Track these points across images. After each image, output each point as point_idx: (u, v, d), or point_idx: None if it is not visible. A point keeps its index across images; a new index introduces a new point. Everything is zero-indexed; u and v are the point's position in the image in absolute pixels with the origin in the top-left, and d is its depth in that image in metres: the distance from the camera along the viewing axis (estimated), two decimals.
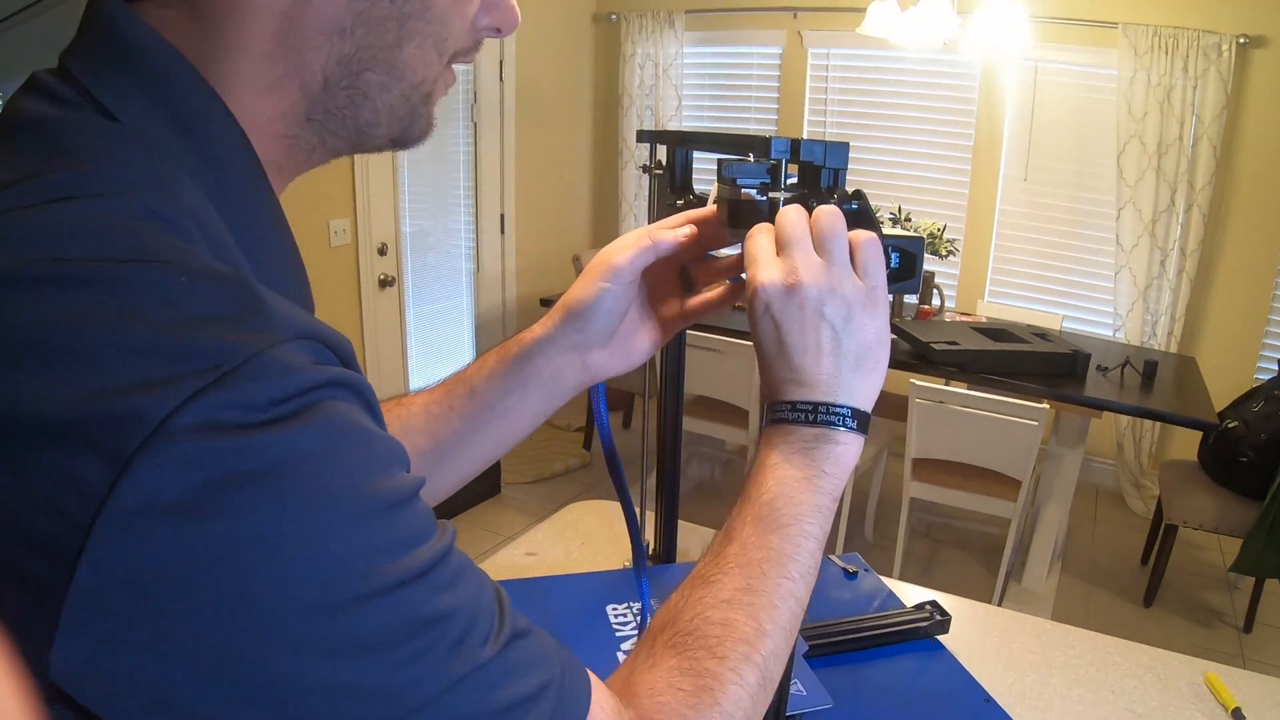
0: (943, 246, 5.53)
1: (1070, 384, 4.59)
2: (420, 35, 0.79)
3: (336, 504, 0.59)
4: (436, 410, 1.19)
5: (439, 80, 0.85)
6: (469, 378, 1.19)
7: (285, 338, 0.61)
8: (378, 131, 0.82)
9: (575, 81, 7.75)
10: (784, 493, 0.91)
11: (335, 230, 5.49)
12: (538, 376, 1.16)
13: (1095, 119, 6.10)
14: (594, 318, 1.13)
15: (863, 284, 0.92)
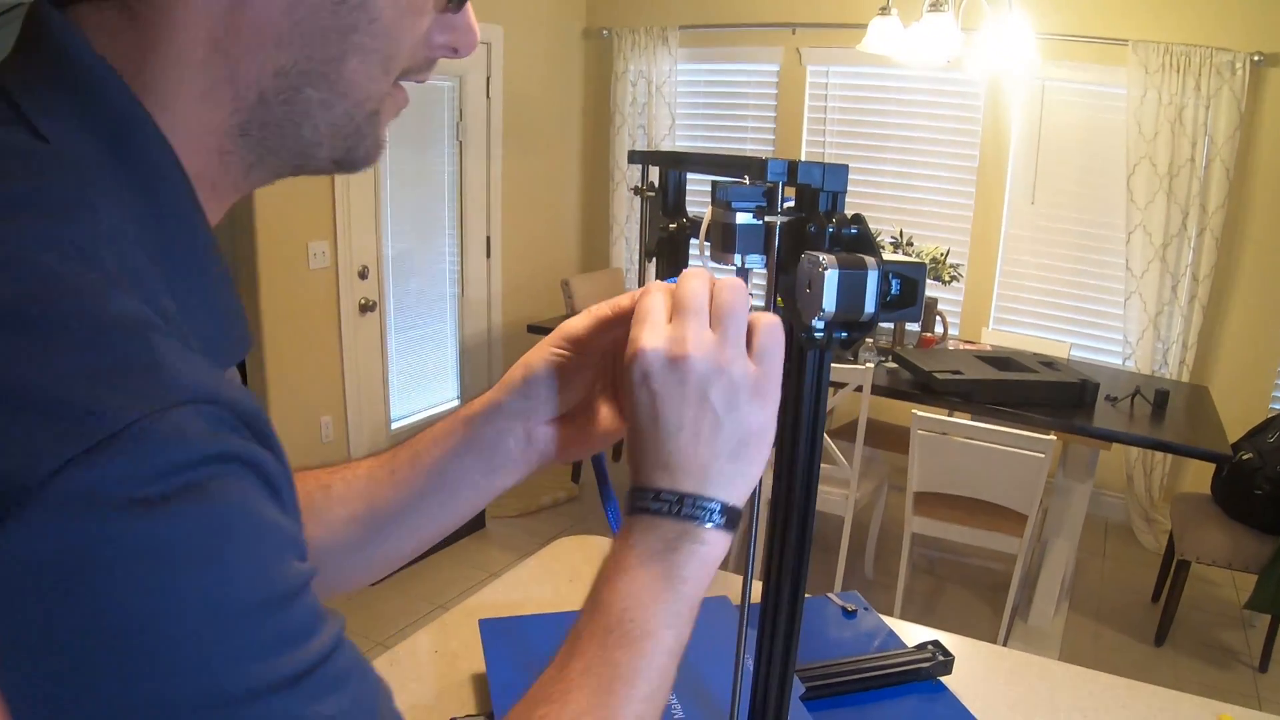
0: (946, 272, 5.54)
1: (1078, 414, 4.59)
2: (364, 51, 0.77)
3: (205, 601, 0.57)
4: (379, 475, 1.15)
5: (387, 99, 0.83)
6: (415, 443, 1.15)
7: (179, 401, 0.58)
8: (320, 151, 0.81)
9: (565, 99, 7.77)
10: (637, 602, 0.85)
11: (314, 252, 5.50)
12: (479, 443, 1.10)
13: (1104, 139, 6.11)
14: (540, 384, 1.07)
15: (755, 369, 0.87)
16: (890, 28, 5.12)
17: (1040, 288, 6.53)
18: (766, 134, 7.33)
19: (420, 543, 1.17)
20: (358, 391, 5.96)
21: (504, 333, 7.20)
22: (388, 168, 6.02)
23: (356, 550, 1.15)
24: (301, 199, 5.43)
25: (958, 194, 6.69)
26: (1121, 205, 5.98)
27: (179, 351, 0.62)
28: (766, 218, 0.99)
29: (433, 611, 4.98)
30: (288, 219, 5.35)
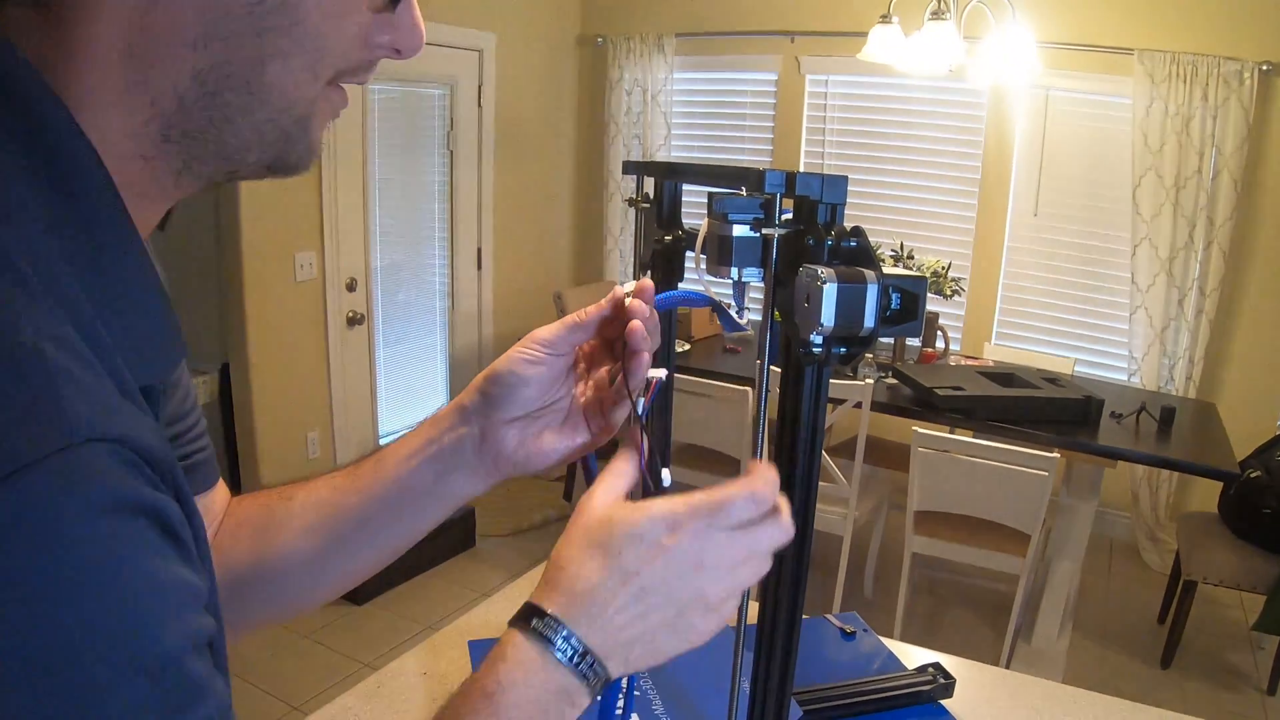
0: (947, 286, 5.54)
1: (1083, 431, 4.60)
2: (286, 53, 0.76)
3: (78, 658, 0.56)
4: (342, 484, 1.15)
5: (318, 102, 0.82)
6: (382, 451, 1.16)
7: (78, 440, 0.58)
8: (248, 156, 0.80)
9: (558, 108, 7.78)
10: None
11: (301, 264, 5.50)
12: (438, 445, 1.11)
13: (1109, 150, 6.13)
14: (503, 380, 1.08)
15: (718, 599, 0.88)
16: (891, 36, 5.12)
17: (1044, 302, 6.54)
18: (764, 144, 7.34)
19: (383, 554, 1.17)
20: (345, 406, 5.97)
21: (495, 347, 7.18)
22: (376, 177, 6.02)
23: (318, 563, 1.15)
24: (288, 209, 5.44)
25: (959, 206, 6.69)
26: (1127, 217, 5.98)
27: (85, 381, 0.61)
28: (764, 230, 0.99)
29: (421, 632, 4.97)
30: (274, 229, 5.36)
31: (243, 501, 1.22)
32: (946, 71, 5.34)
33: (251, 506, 1.20)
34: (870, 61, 5.26)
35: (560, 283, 7.86)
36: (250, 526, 1.18)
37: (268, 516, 1.17)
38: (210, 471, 1.16)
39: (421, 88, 6.37)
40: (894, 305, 0.94)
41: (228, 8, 0.72)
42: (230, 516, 1.20)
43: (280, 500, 1.17)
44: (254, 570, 1.16)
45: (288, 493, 1.18)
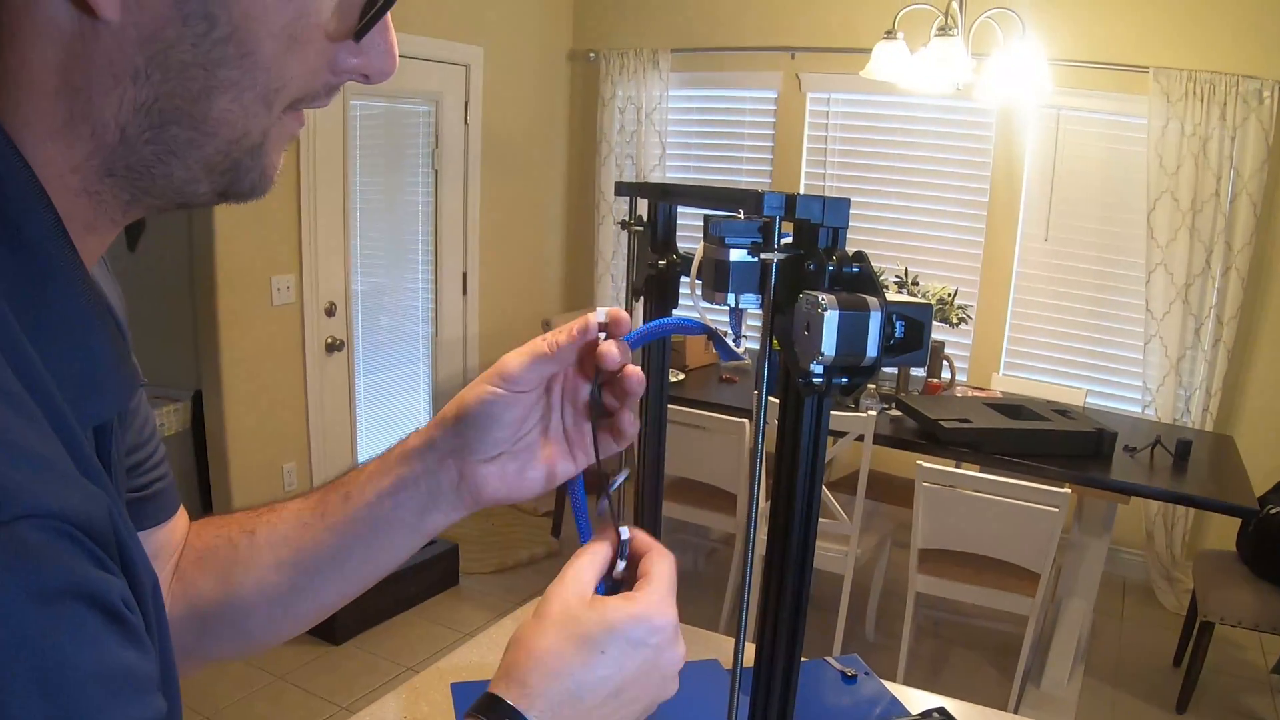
0: (954, 313, 5.55)
1: (1095, 466, 4.60)
2: (237, 85, 0.75)
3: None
4: (308, 518, 1.15)
5: (272, 130, 0.81)
6: (347, 482, 1.16)
7: (4, 519, 0.56)
8: (198, 188, 0.79)
9: (548, 126, 7.80)
10: None
11: (278, 287, 5.51)
12: (413, 483, 1.11)
13: (1123, 172, 6.14)
14: (474, 423, 1.09)
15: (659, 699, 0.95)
16: (896, 52, 5.14)
17: (1054, 330, 6.55)
18: (763, 165, 7.35)
19: (354, 588, 1.18)
20: (323, 437, 5.97)
21: (480, 375, 7.14)
22: (357, 198, 6.03)
23: (287, 599, 1.16)
24: (265, 230, 5.44)
25: (967, 230, 6.71)
26: (1141, 242, 5.99)
27: (20, 442, 0.61)
28: (762, 255, 1.00)
29: (402, 674, 4.96)
30: (250, 251, 5.36)
31: (203, 530, 1.22)
32: (954, 90, 5.34)
33: (213, 536, 1.20)
34: (874, 79, 5.27)
35: (549, 309, 7.88)
36: (213, 560, 1.18)
37: (230, 552, 1.17)
38: (170, 500, 1.16)
39: (405, 104, 6.38)
40: (898, 334, 0.94)
41: (171, 39, 0.71)
42: (190, 548, 1.20)
43: (242, 534, 1.17)
44: (218, 606, 1.16)
45: (249, 524, 1.18)
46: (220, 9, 0.71)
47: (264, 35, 0.74)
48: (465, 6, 6.63)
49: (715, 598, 5.53)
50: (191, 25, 0.71)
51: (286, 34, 0.75)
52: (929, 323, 0.96)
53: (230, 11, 0.72)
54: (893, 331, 0.93)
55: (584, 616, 0.91)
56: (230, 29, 0.72)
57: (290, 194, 5.52)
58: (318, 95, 0.82)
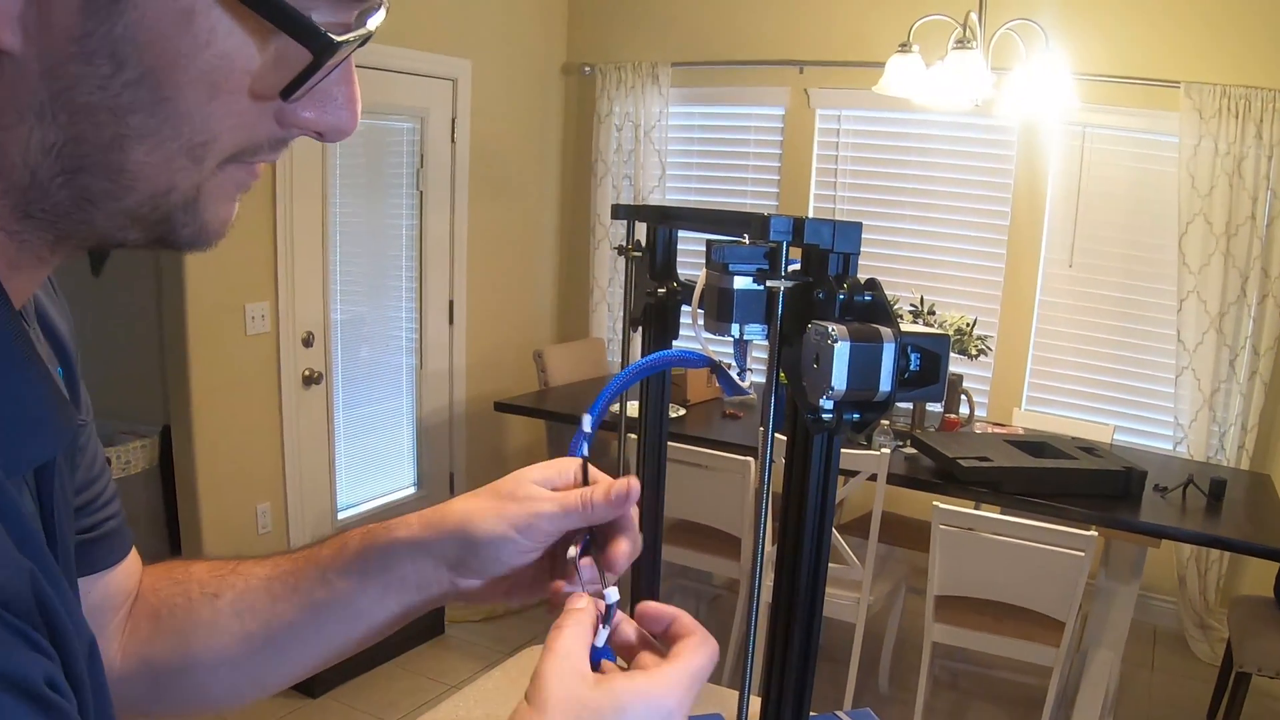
0: (972, 345, 5.55)
1: (1123, 507, 4.59)
2: (155, 136, 0.72)
3: None
4: (278, 589, 1.15)
5: (207, 184, 0.77)
6: (325, 558, 1.15)
7: None
8: (128, 235, 0.76)
9: (540, 144, 7.82)
10: None
11: (252, 316, 5.51)
12: (401, 582, 1.12)
13: (1153, 194, 6.15)
14: (486, 557, 1.09)
15: None
16: (911, 67, 5.15)
17: (1080, 363, 6.55)
18: (769, 186, 7.37)
19: (322, 663, 1.18)
20: (299, 476, 5.96)
21: (468, 411, 7.20)
22: (336, 220, 6.03)
23: (250, 668, 1.16)
24: (239, 254, 5.44)
25: (986, 256, 6.72)
26: (1172, 269, 6.00)
27: None
28: (768, 282, 1.00)
29: None
30: (223, 277, 5.36)
31: (160, 582, 1.22)
32: (972, 106, 5.34)
33: (171, 592, 1.20)
34: (888, 95, 5.28)
35: (541, 340, 7.88)
36: (170, 620, 1.18)
37: (189, 613, 1.17)
38: (121, 542, 1.16)
39: (388, 120, 6.40)
40: (913, 366, 0.94)
41: (75, 76, 0.68)
42: (146, 600, 1.20)
43: (204, 595, 1.17)
44: (175, 668, 1.17)
45: (212, 584, 1.17)
46: (129, 50, 0.68)
47: (181, 83, 0.71)
48: (452, 17, 6.64)
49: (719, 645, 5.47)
50: (95, 64, 0.68)
51: (207, 82, 0.72)
52: (946, 354, 0.96)
53: (140, 55, 0.69)
54: (907, 364, 0.93)
55: (590, 698, 0.89)
56: (140, 72, 0.69)
57: (265, 216, 5.52)
58: (261, 149, 0.79)
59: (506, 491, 1.09)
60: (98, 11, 0.67)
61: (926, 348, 0.96)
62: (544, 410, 6.02)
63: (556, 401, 6.17)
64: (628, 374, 1.10)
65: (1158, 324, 6.24)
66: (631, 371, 1.10)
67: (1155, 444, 6.25)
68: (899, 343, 0.92)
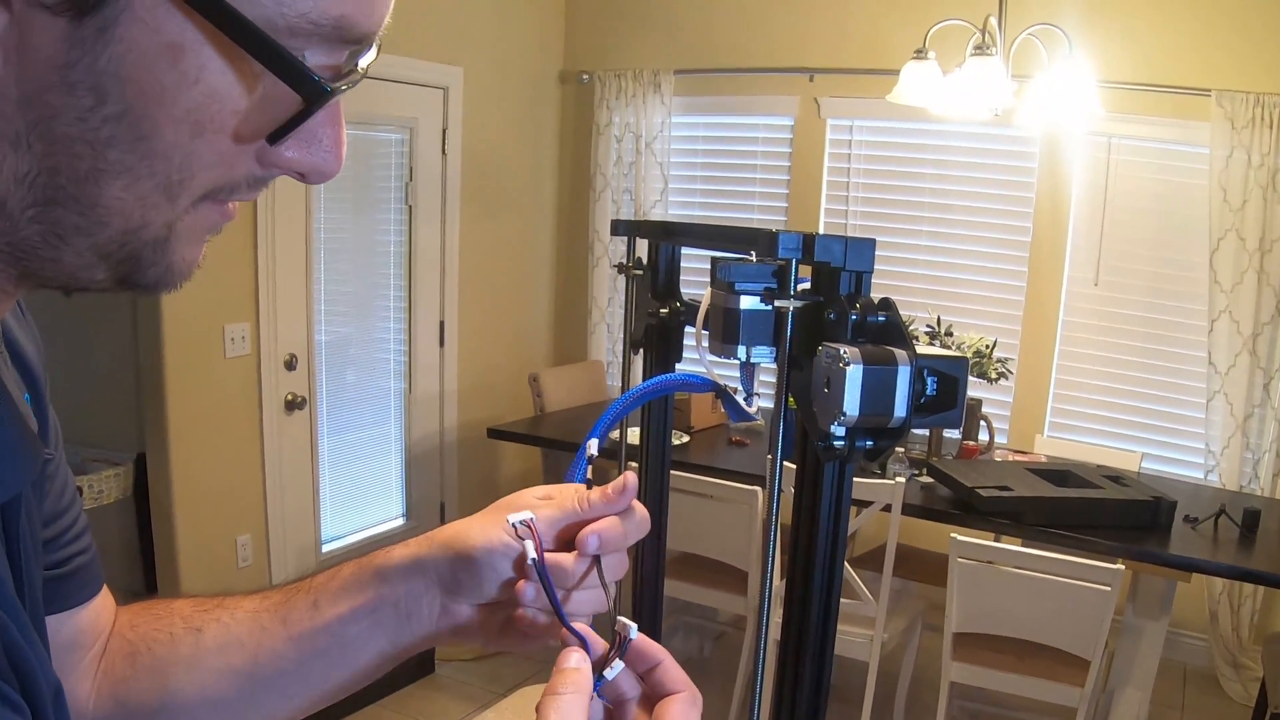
0: (992, 368, 5.55)
1: (1151, 539, 4.59)
2: (131, 173, 0.72)
3: None
4: (267, 622, 1.15)
5: (179, 224, 0.78)
6: (316, 588, 1.15)
7: None
8: (94, 274, 0.77)
9: (536, 156, 7.83)
10: None
11: (232, 337, 5.51)
12: (393, 605, 1.11)
13: (1182, 208, 6.15)
14: (481, 570, 1.08)
15: None
16: (926, 74, 5.16)
17: (1105, 386, 6.54)
18: (778, 201, 7.38)
19: (309, 705, 1.17)
20: (282, 506, 5.95)
21: (459, 437, 7.20)
22: (321, 237, 6.03)
23: (234, 707, 1.15)
24: (218, 273, 5.44)
25: (1007, 274, 6.72)
26: (1203, 287, 6.00)
27: None
28: (776, 302, 1.00)
29: None
30: (201, 297, 5.36)
31: (138, 620, 1.21)
32: (992, 116, 5.33)
33: (150, 629, 1.20)
34: (902, 104, 5.29)
35: (537, 362, 7.88)
36: (149, 658, 1.17)
37: (170, 650, 1.17)
38: (92, 578, 1.15)
39: (376, 131, 6.40)
40: (929, 391, 0.94)
41: (55, 107, 0.69)
42: (122, 638, 1.19)
43: (187, 630, 1.17)
44: (153, 708, 1.16)
45: (195, 619, 1.17)
46: (112, 84, 0.69)
47: (163, 120, 0.71)
48: (443, 22, 6.65)
49: (724, 687, 5.50)
50: (77, 96, 0.68)
51: (191, 120, 0.72)
52: (964, 378, 0.96)
53: (124, 88, 0.69)
54: (923, 388, 0.93)
55: None
56: (123, 108, 0.69)
57: (246, 232, 5.52)
58: (239, 188, 0.80)
59: (503, 504, 1.09)
60: (83, 41, 0.67)
61: (943, 371, 0.95)
62: (540, 437, 6.02)
63: (553, 428, 6.17)
64: (628, 399, 1.10)
65: (1188, 345, 6.23)
66: (632, 396, 1.10)
67: (1185, 472, 6.24)
68: (914, 366, 0.92)
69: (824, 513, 0.98)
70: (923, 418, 0.93)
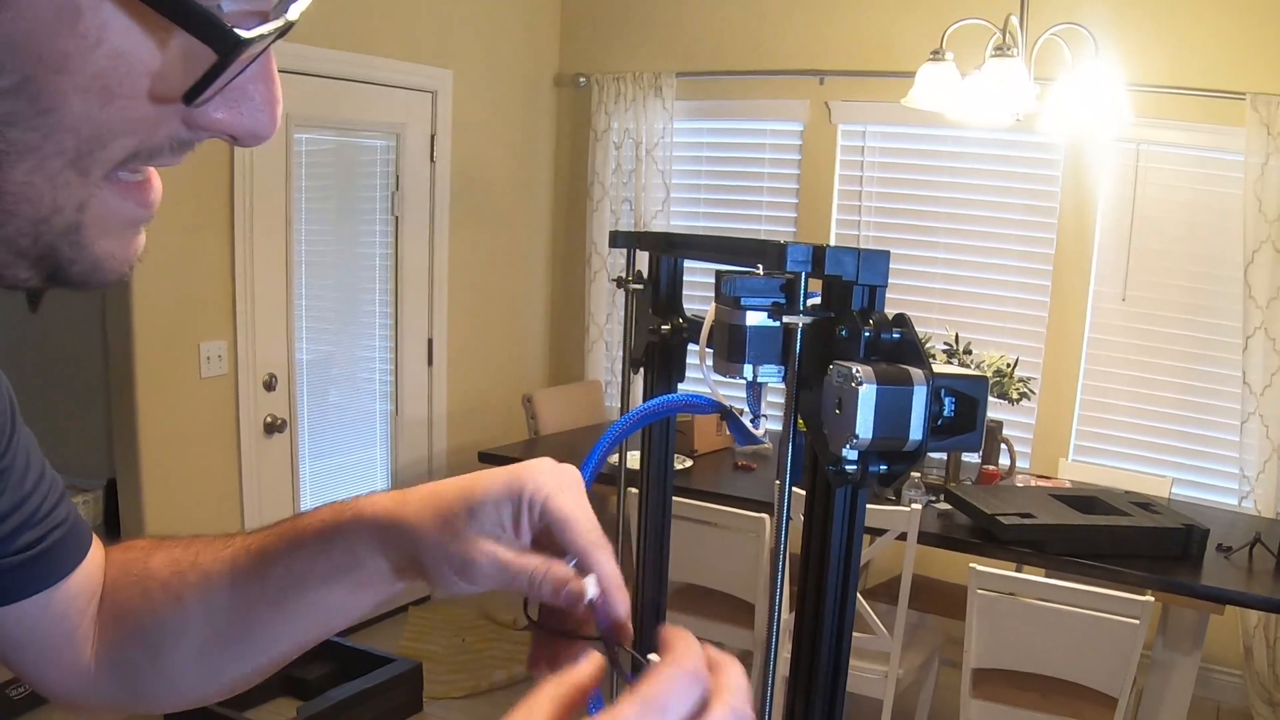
0: (1013, 388, 5.55)
1: (1183, 569, 4.58)
2: (37, 153, 0.68)
3: None
4: (243, 581, 1.15)
5: (91, 202, 0.73)
6: (294, 533, 1.14)
7: None
8: (17, 273, 0.74)
9: (530, 164, 7.83)
10: None
11: (208, 356, 5.50)
12: (361, 569, 1.10)
13: (1216, 218, 6.14)
14: (432, 577, 1.05)
15: None
16: (943, 77, 5.15)
17: (1134, 408, 6.52)
18: (786, 211, 7.38)
19: (298, 650, 1.19)
20: None
21: (449, 463, 7.20)
22: (302, 249, 6.04)
23: (219, 663, 1.19)
24: (192, 287, 5.43)
25: (1029, 288, 6.71)
26: (1237, 302, 5.98)
27: None
28: (785, 318, 1.00)
29: None
30: (175, 313, 5.35)
31: (118, 579, 1.24)
32: (1013, 121, 5.34)
33: (130, 593, 1.23)
34: (918, 108, 5.29)
35: (531, 383, 7.87)
36: (136, 621, 1.21)
37: (153, 614, 1.19)
38: (72, 548, 1.18)
39: (360, 137, 6.42)
40: (947, 412, 0.94)
41: None
42: (109, 600, 1.23)
43: (167, 599, 1.19)
44: (145, 670, 1.21)
45: (175, 586, 1.19)
46: (6, 55, 0.64)
47: (69, 89, 0.67)
48: (432, 22, 6.66)
49: None
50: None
51: (99, 86, 0.68)
52: (984, 399, 0.96)
53: (18, 58, 0.65)
54: (940, 409, 0.93)
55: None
56: (19, 78, 0.65)
57: (222, 244, 5.52)
58: (160, 152, 0.75)
59: (452, 513, 1.04)
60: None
61: (962, 391, 0.96)
62: None
63: (548, 452, 6.12)
64: (628, 421, 1.10)
65: (1221, 364, 6.21)
66: (632, 418, 1.10)
67: (1219, 498, 6.23)
68: (931, 385, 0.92)
69: (835, 541, 0.99)
70: (940, 441, 0.94)
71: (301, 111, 5.80)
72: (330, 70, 5.84)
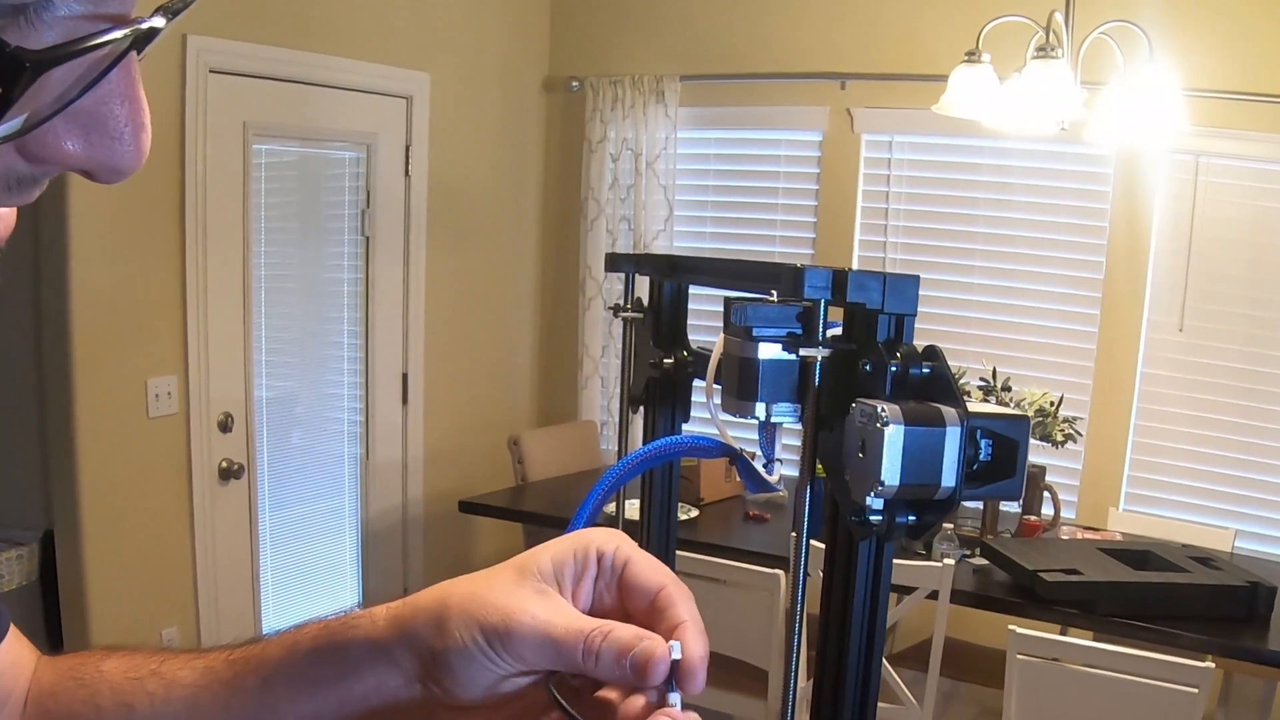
0: (1057, 429, 5.55)
1: (1247, 631, 4.58)
2: None
3: None
4: (208, 704, 1.08)
5: None
6: (270, 663, 1.07)
7: None
8: None
9: (516, 178, 7.83)
10: None
11: (156, 393, 5.49)
12: (363, 701, 1.00)
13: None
14: (457, 675, 0.95)
15: None
16: (979, 81, 5.15)
17: (1192, 451, 6.50)
18: (804, 231, 7.38)
19: None
20: (214, 593, 5.92)
21: (426, 512, 7.19)
22: (261, 273, 6.03)
23: None
24: (139, 317, 5.42)
25: (1075, 318, 6.70)
26: None
27: None
28: (802, 351, 1.00)
29: None
30: (119, 345, 5.34)
31: (61, 682, 1.20)
32: (1058, 130, 5.32)
33: (74, 696, 1.17)
34: (951, 116, 5.30)
35: (519, 423, 7.86)
36: None
37: None
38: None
39: (327, 148, 6.44)
40: (983, 456, 0.95)
41: None
42: (39, 706, 1.19)
43: (116, 706, 1.13)
44: None
45: (126, 692, 1.13)
46: None
47: None
48: (406, 21, 6.67)
49: None
50: None
51: None
52: (1025, 441, 0.96)
53: None
54: (976, 453, 0.94)
55: None
56: None
57: (172, 268, 5.51)
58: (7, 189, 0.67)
59: (494, 572, 1.00)
60: None
61: (1000, 433, 0.96)
62: (521, 511, 6.02)
63: (536, 500, 6.17)
64: (626, 465, 1.10)
65: None
66: (631, 462, 1.10)
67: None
68: (966, 426, 0.92)
69: (858, 601, 0.99)
70: (975, 488, 0.94)
71: (260, 120, 5.76)
72: (291, 73, 5.84)
